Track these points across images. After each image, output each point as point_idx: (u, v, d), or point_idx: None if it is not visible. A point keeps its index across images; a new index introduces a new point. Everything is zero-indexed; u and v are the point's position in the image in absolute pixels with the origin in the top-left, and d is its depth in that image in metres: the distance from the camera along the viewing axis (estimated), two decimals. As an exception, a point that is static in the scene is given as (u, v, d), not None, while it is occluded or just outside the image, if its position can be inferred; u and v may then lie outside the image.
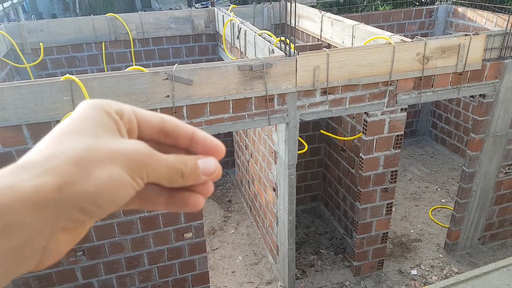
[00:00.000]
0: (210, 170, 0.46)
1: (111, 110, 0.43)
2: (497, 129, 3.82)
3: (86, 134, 0.40)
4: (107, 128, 0.41)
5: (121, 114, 0.43)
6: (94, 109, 0.42)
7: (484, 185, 4.11)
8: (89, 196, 0.38)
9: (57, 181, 0.36)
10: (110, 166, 0.39)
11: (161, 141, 0.47)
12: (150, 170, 0.42)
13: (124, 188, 0.40)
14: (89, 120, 0.41)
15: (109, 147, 0.40)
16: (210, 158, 0.47)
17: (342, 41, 4.10)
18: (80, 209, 0.38)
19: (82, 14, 14.76)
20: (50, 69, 5.03)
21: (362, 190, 3.69)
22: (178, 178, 0.44)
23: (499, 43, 3.44)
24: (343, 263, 4.40)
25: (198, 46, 5.44)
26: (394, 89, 3.33)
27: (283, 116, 3.17)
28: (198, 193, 0.48)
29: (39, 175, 0.36)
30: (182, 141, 0.47)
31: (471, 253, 4.49)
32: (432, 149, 6.57)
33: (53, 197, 0.36)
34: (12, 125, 2.64)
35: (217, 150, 0.48)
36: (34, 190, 0.36)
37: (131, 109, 0.45)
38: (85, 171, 0.38)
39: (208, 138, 0.48)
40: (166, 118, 0.46)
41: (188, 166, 0.45)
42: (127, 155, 0.40)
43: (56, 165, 0.37)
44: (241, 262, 4.46)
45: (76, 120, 0.41)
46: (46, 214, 0.36)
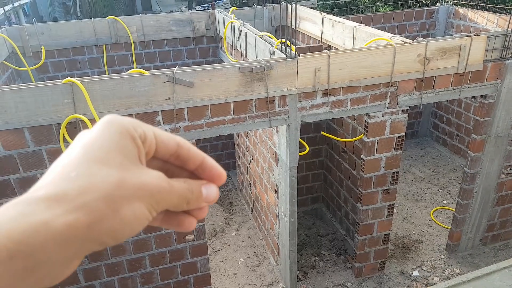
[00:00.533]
0: (211, 198, 0.49)
1: (136, 134, 0.43)
2: (498, 130, 3.82)
3: (114, 165, 0.41)
4: (131, 156, 0.42)
5: (144, 138, 0.44)
6: (120, 133, 0.42)
7: (485, 186, 4.10)
8: (113, 233, 0.39)
9: (88, 219, 0.37)
10: (135, 203, 0.40)
11: (170, 162, 0.48)
12: (165, 203, 0.44)
13: (142, 223, 0.42)
14: (115, 147, 0.42)
15: (136, 183, 0.41)
16: (213, 185, 0.49)
17: (343, 42, 4.10)
18: (101, 242, 0.39)
19: (83, 17, 14.81)
20: (51, 72, 5.04)
21: (364, 192, 3.69)
22: (184, 204, 0.47)
23: (500, 43, 3.44)
24: (344, 265, 4.39)
25: (199, 48, 5.45)
26: (395, 91, 3.33)
27: (284, 118, 3.17)
28: (193, 216, 0.50)
29: (72, 211, 0.37)
30: (190, 166, 0.49)
31: (473, 254, 4.48)
32: (433, 150, 6.57)
33: (82, 234, 0.37)
34: (13, 128, 2.64)
35: (221, 178, 0.50)
36: (66, 228, 0.36)
37: (152, 133, 0.46)
38: (113, 208, 0.39)
39: (215, 166, 0.50)
40: (181, 143, 0.48)
41: (194, 194, 0.47)
42: (151, 192, 0.42)
43: (89, 202, 0.38)
44: (243, 264, 4.46)
45: (103, 145, 0.41)
46: (72, 248, 0.37)
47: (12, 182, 2.80)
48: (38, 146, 2.74)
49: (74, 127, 2.74)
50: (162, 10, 18.48)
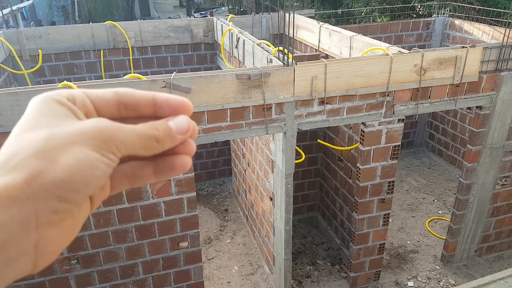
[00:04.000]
0: (184, 128, 0.45)
1: (62, 98, 0.42)
2: (493, 141, 3.84)
3: (42, 126, 0.39)
4: (61, 116, 0.40)
5: (73, 99, 0.42)
6: (45, 102, 0.41)
7: (481, 197, 4.11)
8: (60, 183, 0.37)
9: (23, 175, 0.36)
10: (73, 148, 0.38)
11: (125, 116, 0.45)
12: (118, 142, 0.41)
13: (95, 166, 0.39)
14: (42, 114, 0.40)
15: (68, 131, 0.39)
16: (180, 116, 0.46)
17: (339, 51, 4.12)
18: (57, 197, 0.37)
19: (81, 21, 14.83)
20: (48, 76, 5.03)
21: (359, 201, 3.68)
22: (154, 143, 0.43)
23: (495, 55, 3.47)
24: (339, 274, 4.36)
25: (196, 55, 5.46)
26: (391, 100, 3.35)
27: (281, 125, 3.17)
28: (182, 154, 0.47)
29: (5, 174, 0.36)
30: (145, 109, 0.46)
31: (468, 265, 4.47)
32: (429, 160, 6.58)
33: (24, 191, 0.35)
34: (8, 131, 2.62)
35: (184, 107, 0.46)
36: (2, 188, 0.35)
37: (82, 92, 0.44)
38: (48, 159, 0.37)
39: (170, 97, 0.46)
40: (121, 91, 0.45)
41: (160, 130, 0.44)
42: (88, 134, 0.39)
43: (19, 160, 0.37)
44: (237, 272, 4.42)
45: (30, 117, 0.40)
46: (22, 210, 0.35)
47: (5, 186, 2.77)
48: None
49: (69, 131, 2.72)
50: (161, 17, 18.56)
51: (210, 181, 6.11)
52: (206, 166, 6.02)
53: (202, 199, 5.68)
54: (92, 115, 0.43)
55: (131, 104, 0.45)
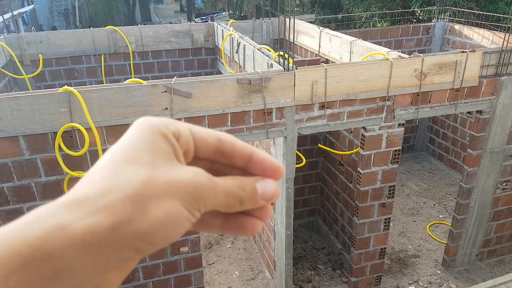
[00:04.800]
0: (269, 195, 0.43)
1: (168, 132, 0.40)
2: (494, 145, 3.84)
3: (143, 163, 0.37)
4: (164, 154, 0.39)
5: (178, 136, 0.41)
6: (151, 133, 0.39)
7: (481, 201, 4.10)
8: (144, 236, 0.35)
9: (111, 221, 0.34)
10: (167, 201, 0.36)
11: (217, 160, 0.44)
12: (208, 200, 0.39)
13: (181, 224, 0.37)
14: (145, 146, 0.38)
15: (167, 179, 0.37)
16: (269, 180, 0.44)
17: (340, 56, 4.13)
18: (134, 248, 0.35)
19: (82, 26, 14.89)
20: (48, 81, 5.04)
21: (360, 205, 3.68)
22: (236, 204, 0.42)
23: (495, 60, 3.48)
24: (340, 279, 4.35)
25: (197, 60, 5.47)
26: (392, 105, 3.35)
27: (281, 130, 3.17)
28: (256, 217, 0.45)
29: (93, 213, 0.33)
30: (239, 161, 0.44)
31: (469, 270, 4.45)
32: (429, 164, 6.58)
33: (107, 238, 0.33)
34: (9, 136, 2.62)
35: (277, 172, 0.44)
36: (87, 231, 0.33)
37: (188, 129, 0.42)
38: (140, 208, 0.35)
39: (267, 159, 0.44)
40: (223, 138, 0.43)
41: (247, 192, 0.42)
42: (185, 188, 0.38)
43: (111, 202, 0.34)
44: (238, 278, 4.40)
45: (131, 146, 0.38)
46: (98, 256, 0.33)
47: (6, 191, 2.77)
48: (33, 155, 2.72)
49: (70, 136, 2.73)
50: (161, 21, 18.63)
51: None
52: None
53: (202, 203, 5.67)
54: (190, 154, 0.42)
55: (228, 153, 0.44)
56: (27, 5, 13.98)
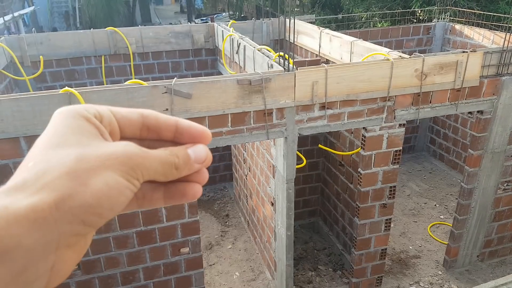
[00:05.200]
0: (201, 158, 0.46)
1: (89, 115, 0.41)
2: (495, 146, 3.83)
3: (71, 144, 0.38)
4: (89, 135, 0.40)
5: (100, 117, 0.42)
6: (72, 117, 0.41)
7: (482, 202, 4.09)
8: (89, 208, 0.36)
9: (53, 197, 0.35)
10: (104, 173, 0.38)
11: (144, 137, 0.46)
12: (144, 169, 0.41)
13: (122, 192, 0.39)
14: (70, 130, 0.40)
15: (99, 154, 0.38)
16: (199, 145, 0.46)
17: (340, 57, 4.13)
18: (82, 221, 0.36)
19: (82, 28, 14.90)
20: (49, 82, 5.04)
21: (361, 206, 3.67)
22: (173, 171, 0.44)
23: (496, 60, 3.47)
24: (341, 280, 4.34)
25: (197, 61, 5.47)
26: (392, 105, 3.35)
27: (282, 131, 3.17)
28: (194, 182, 0.47)
29: (34, 193, 0.35)
30: (166, 134, 0.46)
31: (470, 270, 4.44)
32: (430, 165, 6.57)
33: (52, 214, 0.34)
34: (9, 137, 2.63)
35: (204, 136, 0.47)
36: (30, 209, 0.33)
37: (108, 110, 0.43)
38: (80, 182, 0.36)
39: (192, 126, 0.46)
40: (146, 113, 0.45)
41: (181, 158, 0.44)
42: (119, 159, 0.39)
43: (49, 180, 0.35)
44: (238, 278, 4.40)
45: (57, 132, 0.40)
46: (47, 233, 0.34)
47: (6, 192, 2.76)
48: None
49: (71, 137, 2.73)
50: (162, 22, 18.65)
51: (211, 187, 6.10)
52: (207, 172, 6.01)
53: (203, 204, 5.67)
54: (116, 134, 0.43)
55: (154, 127, 0.45)
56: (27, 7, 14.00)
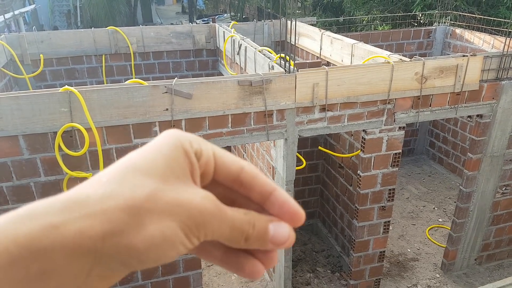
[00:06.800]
0: (281, 239, 0.39)
1: (191, 149, 0.38)
2: (494, 150, 3.83)
3: (154, 175, 0.35)
4: (179, 171, 0.37)
5: (199, 155, 0.38)
6: (172, 145, 0.37)
7: (481, 205, 4.10)
8: (134, 252, 0.33)
9: (104, 228, 0.32)
10: (166, 220, 0.34)
11: (235, 189, 0.41)
12: (210, 229, 0.37)
13: (175, 247, 0.35)
14: (162, 158, 0.36)
15: (173, 198, 0.35)
16: (284, 224, 0.40)
17: (341, 59, 4.13)
18: (122, 262, 0.34)
19: (83, 27, 14.91)
20: (49, 81, 5.04)
21: (360, 208, 3.67)
22: (241, 240, 0.39)
23: (496, 64, 3.48)
24: (339, 282, 4.34)
25: (198, 61, 5.48)
26: (392, 108, 3.35)
27: (282, 132, 3.17)
28: (258, 260, 0.41)
29: (88, 216, 0.32)
30: (257, 196, 0.41)
31: (468, 274, 4.45)
32: (429, 168, 6.58)
33: (96, 244, 0.32)
34: (8, 135, 2.62)
35: (296, 217, 0.41)
36: (77, 235, 0.32)
37: (212, 151, 0.40)
38: (137, 222, 0.33)
39: (288, 200, 0.41)
40: (246, 168, 0.40)
41: (256, 230, 0.39)
42: (189, 211, 0.35)
43: (109, 208, 0.33)
44: (236, 279, 4.39)
45: (148, 155, 0.36)
46: (84, 261, 0.32)
47: (5, 190, 2.76)
48: (32, 154, 2.72)
49: (70, 136, 2.73)
50: (163, 23, 18.66)
51: None
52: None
53: (201, 205, 5.66)
54: (208, 177, 0.40)
55: (247, 185, 0.40)
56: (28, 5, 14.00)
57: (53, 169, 2.79)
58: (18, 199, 2.81)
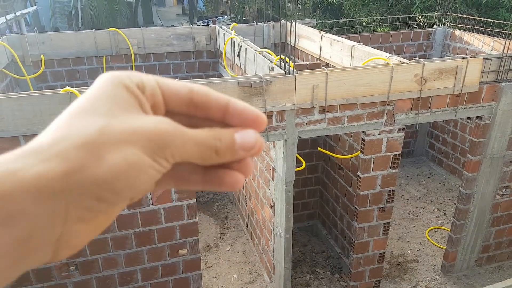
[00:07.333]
0: (249, 144, 0.41)
1: (131, 84, 0.38)
2: (494, 151, 3.84)
3: (100, 113, 0.36)
4: (125, 105, 0.37)
5: (142, 87, 0.39)
6: (111, 84, 0.38)
7: (481, 207, 4.10)
8: (102, 183, 0.34)
9: (63, 167, 0.33)
10: (125, 148, 0.35)
11: (192, 114, 0.42)
12: (175, 149, 0.37)
13: (144, 171, 0.36)
14: (105, 97, 0.37)
15: (125, 127, 0.36)
16: (249, 130, 0.41)
17: (341, 61, 4.14)
18: (95, 197, 0.34)
19: (84, 28, 14.94)
20: (50, 82, 5.05)
21: (359, 209, 3.68)
22: (212, 155, 0.39)
23: (495, 66, 3.49)
24: (339, 283, 4.34)
25: (198, 63, 5.49)
26: (392, 109, 3.36)
27: (282, 133, 3.18)
28: (236, 171, 0.42)
29: (45, 160, 0.33)
30: (215, 113, 0.42)
31: (468, 275, 4.45)
32: (429, 169, 6.58)
33: (60, 185, 0.33)
34: (9, 136, 2.63)
35: (258, 121, 0.42)
36: (37, 177, 0.32)
37: (155, 81, 0.40)
38: (95, 155, 0.34)
39: (246, 108, 0.42)
40: (196, 89, 0.41)
41: (223, 141, 0.40)
42: (145, 135, 0.36)
43: (64, 149, 0.34)
44: (236, 281, 4.40)
45: (91, 98, 0.37)
46: (54, 203, 0.33)
47: (6, 191, 2.77)
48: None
49: (71, 137, 2.73)
50: (164, 24, 18.69)
51: None
52: (206, 173, 6.02)
53: (202, 206, 5.67)
54: (160, 108, 0.40)
55: (202, 105, 0.41)
56: (30, 6, 14.03)
57: (54, 170, 2.80)
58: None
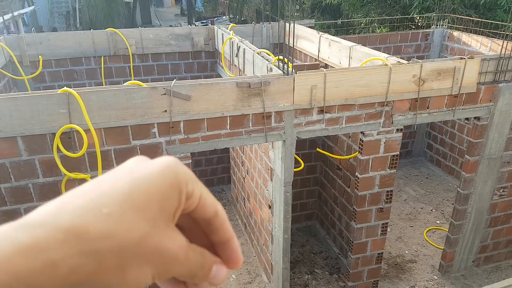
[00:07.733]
0: (217, 280, 0.45)
1: (184, 190, 0.41)
2: (491, 152, 3.85)
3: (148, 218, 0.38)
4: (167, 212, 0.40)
5: (189, 196, 0.42)
6: (171, 185, 0.40)
7: (478, 207, 4.11)
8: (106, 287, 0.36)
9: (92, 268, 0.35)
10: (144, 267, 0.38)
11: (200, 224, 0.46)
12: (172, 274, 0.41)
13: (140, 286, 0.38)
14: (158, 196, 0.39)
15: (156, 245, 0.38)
16: (224, 268, 0.46)
17: (339, 61, 4.15)
18: None
19: (82, 28, 14.91)
20: (48, 82, 5.04)
21: (358, 210, 3.68)
22: (189, 278, 0.44)
23: (493, 67, 3.50)
24: (337, 283, 4.34)
25: (197, 63, 5.49)
26: (390, 110, 3.36)
27: (280, 134, 3.18)
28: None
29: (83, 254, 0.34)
30: (215, 238, 0.46)
31: (466, 275, 4.46)
32: (427, 170, 6.59)
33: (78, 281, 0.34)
34: (7, 136, 2.62)
35: (236, 264, 0.47)
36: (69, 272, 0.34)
37: (199, 193, 0.43)
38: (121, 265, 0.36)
39: (237, 250, 0.47)
40: (219, 213, 0.45)
41: (203, 271, 0.44)
42: (164, 259, 0.39)
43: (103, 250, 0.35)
44: (235, 281, 4.39)
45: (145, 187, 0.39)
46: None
47: (3, 191, 2.76)
48: (31, 156, 2.72)
49: (69, 137, 2.73)
50: (162, 25, 18.67)
51: (209, 189, 5.93)
52: (205, 174, 6.02)
53: (200, 206, 5.66)
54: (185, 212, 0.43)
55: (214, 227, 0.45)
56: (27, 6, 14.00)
57: (52, 170, 2.79)
58: (16, 200, 2.81)
